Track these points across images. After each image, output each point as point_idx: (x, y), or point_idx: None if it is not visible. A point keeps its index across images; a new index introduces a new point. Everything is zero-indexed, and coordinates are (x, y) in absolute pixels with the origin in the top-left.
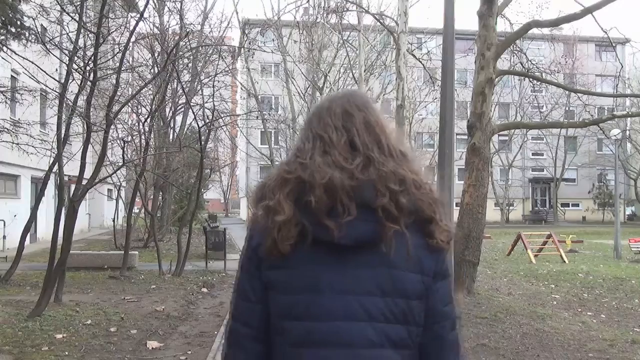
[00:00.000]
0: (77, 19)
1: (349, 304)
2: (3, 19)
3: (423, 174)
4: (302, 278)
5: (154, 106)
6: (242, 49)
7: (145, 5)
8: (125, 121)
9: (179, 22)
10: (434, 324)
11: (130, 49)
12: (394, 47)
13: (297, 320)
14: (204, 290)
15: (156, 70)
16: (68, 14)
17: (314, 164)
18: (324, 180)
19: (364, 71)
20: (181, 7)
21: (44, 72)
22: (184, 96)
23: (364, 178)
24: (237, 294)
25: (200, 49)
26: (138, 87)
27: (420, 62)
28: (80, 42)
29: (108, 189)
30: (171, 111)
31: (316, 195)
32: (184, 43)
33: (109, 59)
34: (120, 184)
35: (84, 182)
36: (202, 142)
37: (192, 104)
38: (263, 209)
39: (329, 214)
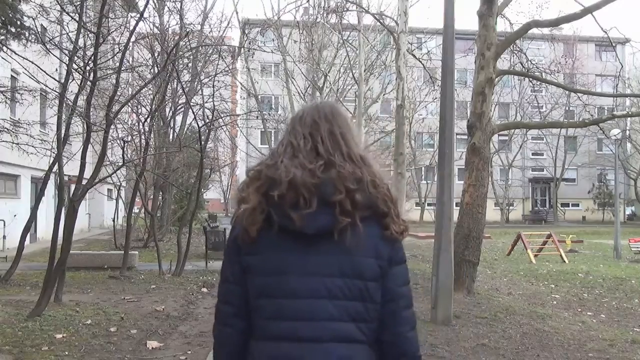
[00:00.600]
0: (77, 19)
1: (312, 284)
2: (3, 19)
3: (381, 176)
4: (271, 262)
5: (154, 106)
6: (242, 49)
7: (145, 5)
8: (125, 121)
9: (179, 22)
10: (391, 302)
11: (130, 49)
12: (394, 47)
13: (269, 298)
14: (204, 290)
15: (156, 70)
16: (68, 14)
17: (282, 165)
18: (288, 177)
19: (364, 71)
20: (181, 7)
21: (44, 72)
22: (184, 96)
23: (324, 177)
24: (221, 277)
25: (200, 49)
26: (138, 87)
27: (420, 62)
28: (80, 42)
29: (108, 189)
30: (171, 111)
31: (280, 190)
32: (184, 43)
33: (109, 59)
34: (120, 184)
35: (84, 182)
36: (202, 142)
37: (192, 103)
38: (238, 200)
39: (293, 207)
